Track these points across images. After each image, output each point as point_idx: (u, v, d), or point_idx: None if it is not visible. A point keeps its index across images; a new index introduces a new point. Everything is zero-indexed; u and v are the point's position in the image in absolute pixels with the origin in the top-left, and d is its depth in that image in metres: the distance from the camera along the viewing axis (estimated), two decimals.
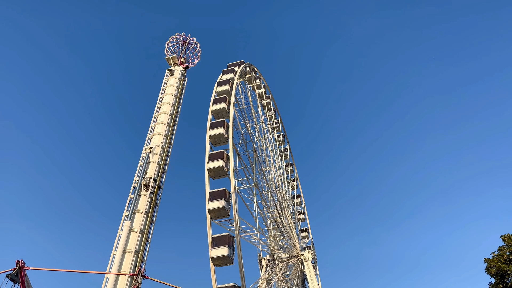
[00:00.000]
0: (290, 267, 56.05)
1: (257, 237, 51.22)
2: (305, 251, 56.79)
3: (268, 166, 57.27)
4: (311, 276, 53.61)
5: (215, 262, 40.20)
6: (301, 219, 68.16)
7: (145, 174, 24.04)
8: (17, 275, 13.46)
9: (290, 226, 56.52)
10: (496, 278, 21.66)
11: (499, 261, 21.47)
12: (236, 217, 43.24)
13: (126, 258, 20.34)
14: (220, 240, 41.05)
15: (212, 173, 42.77)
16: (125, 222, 21.51)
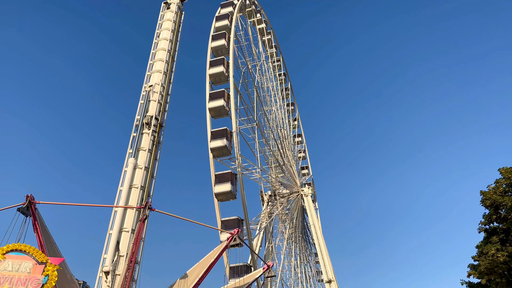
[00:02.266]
0: (290, 202, 58.10)
1: (259, 174, 52.42)
2: (305, 187, 58.48)
3: (269, 105, 56.98)
4: (311, 210, 55.71)
5: (218, 197, 41.69)
6: (301, 157, 69.23)
7: (146, 113, 24.01)
8: (28, 208, 14.00)
9: (291, 164, 57.62)
10: (491, 209, 22.39)
11: (494, 193, 22.06)
12: (238, 155, 43.93)
13: (133, 193, 21.04)
14: (223, 177, 42.19)
15: (213, 113, 42.74)
16: (130, 159, 21.93)
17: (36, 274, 10.50)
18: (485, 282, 21.89)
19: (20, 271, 10.53)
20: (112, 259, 18.89)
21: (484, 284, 22.59)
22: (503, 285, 20.25)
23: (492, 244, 20.93)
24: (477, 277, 22.07)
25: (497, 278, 20.56)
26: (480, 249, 22.36)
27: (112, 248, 19.17)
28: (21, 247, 11.06)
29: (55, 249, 14.99)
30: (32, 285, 10.30)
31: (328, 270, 50.70)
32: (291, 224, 58.70)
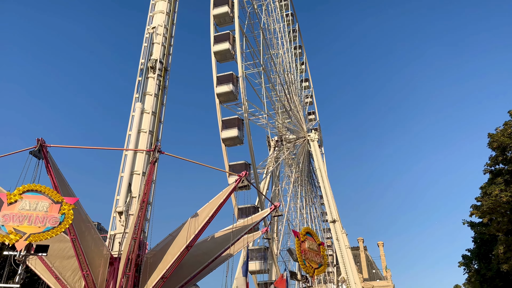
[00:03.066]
0: (297, 147, 58.63)
1: (265, 119, 52.39)
2: (311, 132, 58.67)
3: (276, 48, 55.43)
4: (317, 154, 56.37)
5: (226, 143, 42.14)
6: (308, 102, 68.65)
7: (150, 56, 23.55)
8: (40, 151, 14.29)
9: (298, 109, 57.34)
10: (497, 151, 22.40)
11: (502, 135, 21.91)
12: (244, 100, 43.66)
13: (142, 138, 21.29)
14: (229, 122, 42.30)
15: (219, 57, 41.80)
16: (136, 104, 21.91)
17: (53, 212, 10.99)
18: (487, 221, 22.52)
19: (38, 210, 11.00)
20: (125, 200, 19.58)
21: (485, 223, 23.25)
22: (504, 223, 20.81)
23: (497, 185, 21.20)
24: (479, 217, 22.65)
25: (499, 218, 21.08)
26: (484, 190, 22.71)
27: (124, 190, 19.80)
28: (37, 187, 11.46)
29: (69, 191, 15.53)
30: (50, 222, 10.81)
31: (332, 211, 52.36)
32: (297, 169, 59.72)
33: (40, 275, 18.21)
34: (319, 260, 15.92)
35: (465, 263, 30.06)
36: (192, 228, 18.86)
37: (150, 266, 17.68)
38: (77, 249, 15.41)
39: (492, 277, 26.13)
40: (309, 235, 16.33)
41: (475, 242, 28.90)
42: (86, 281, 16.30)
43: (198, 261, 20.38)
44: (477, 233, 27.15)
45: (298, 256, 14.52)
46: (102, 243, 18.18)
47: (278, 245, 52.87)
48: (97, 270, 17.01)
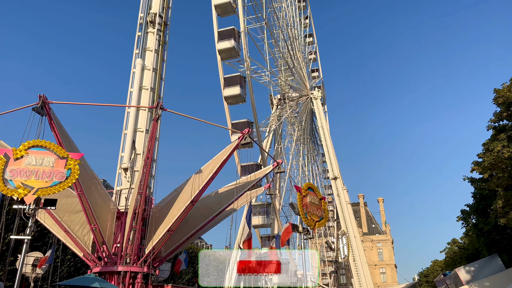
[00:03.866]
0: (299, 105, 58.25)
1: (268, 77, 51.66)
2: (314, 90, 58.02)
3: (279, 1, 53.50)
4: (320, 113, 56.08)
5: (228, 101, 41.84)
6: (312, 59, 67.25)
7: (149, 10, 22.84)
8: (42, 108, 14.26)
9: (301, 66, 56.31)
10: (502, 107, 22.11)
11: (508, 90, 21.55)
12: (246, 57, 42.81)
13: (143, 95, 21.15)
14: (231, 80, 41.75)
15: (220, 10, 40.47)
16: (137, 60, 21.55)
17: (59, 167, 11.15)
18: (487, 177, 22.72)
19: (44, 165, 11.16)
20: (129, 157, 19.81)
21: (486, 178, 23.49)
22: (505, 179, 21.00)
23: (499, 141, 21.13)
24: (479, 173, 22.78)
25: (500, 173, 21.22)
26: (486, 146, 22.67)
27: (128, 147, 19.97)
28: (42, 143, 11.55)
29: (73, 147, 15.68)
30: (56, 177, 11.00)
31: (334, 168, 52.92)
32: (299, 127, 59.69)
33: (50, 228, 18.83)
34: (320, 213, 16.28)
35: (463, 217, 30.78)
36: (196, 183, 19.19)
37: (156, 220, 18.20)
38: (84, 204, 15.81)
39: (489, 230, 26.84)
40: (310, 190, 16.61)
41: (475, 198, 29.39)
42: (94, 234, 16.87)
43: (203, 215, 20.94)
44: (477, 188, 27.50)
45: (300, 210, 14.83)
46: (109, 198, 18.61)
47: (280, 201, 54.05)
48: (105, 224, 17.54)
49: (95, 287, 14.34)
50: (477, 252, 31.25)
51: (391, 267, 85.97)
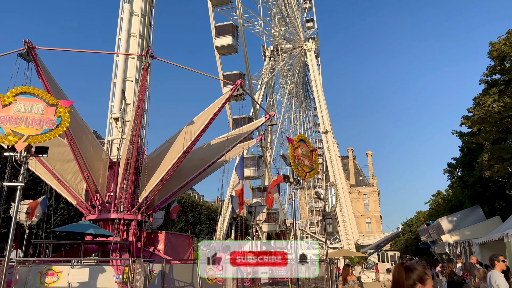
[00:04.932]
0: (293, 57, 57.22)
1: (261, 27, 50.19)
2: (308, 42, 56.77)
3: None
4: (313, 65, 55.29)
5: (219, 51, 40.86)
6: (307, 8, 65.10)
7: None
8: (28, 54, 13.75)
9: (295, 16, 54.59)
10: (496, 61, 21.92)
11: (504, 44, 21.25)
12: (239, 4, 41.29)
13: (132, 42, 20.42)
14: (223, 29, 40.51)
15: None
16: (125, 4, 20.54)
17: (49, 115, 10.93)
18: (476, 131, 23.06)
19: (33, 112, 10.92)
20: (119, 106, 19.51)
21: (474, 132, 23.85)
22: (493, 133, 21.35)
23: (490, 96, 21.20)
24: (468, 126, 23.05)
25: (488, 127, 21.52)
26: (477, 101, 22.78)
27: (118, 97, 19.61)
28: (30, 89, 11.22)
29: (62, 95, 15.33)
30: (47, 125, 10.82)
31: (325, 122, 53.19)
32: (292, 80, 59.06)
33: (42, 177, 18.90)
34: (311, 164, 16.50)
35: (449, 170, 31.63)
36: (188, 135, 19.16)
37: (149, 170, 18.32)
38: (76, 153, 15.77)
39: (473, 183, 27.75)
40: (302, 142, 16.69)
41: (462, 151, 30.03)
42: (87, 183, 17.00)
43: (195, 166, 21.14)
44: (464, 142, 27.96)
45: (292, 161, 14.99)
46: (101, 148, 18.57)
47: (271, 154, 54.70)
48: (97, 173, 17.63)
49: (90, 233, 14.69)
50: (460, 204, 32.50)
51: (376, 217, 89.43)
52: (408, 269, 3.06)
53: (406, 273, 3.05)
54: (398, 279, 3.06)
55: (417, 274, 3.03)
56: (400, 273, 3.07)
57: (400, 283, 3.01)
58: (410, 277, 3.02)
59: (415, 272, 3.03)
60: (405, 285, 3.01)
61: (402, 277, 3.03)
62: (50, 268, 11.97)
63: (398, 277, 3.07)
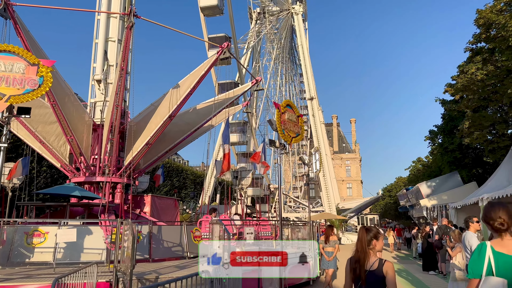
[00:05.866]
0: (280, 21, 56.10)
1: None
2: (296, 4, 55.52)
3: None
4: (300, 30, 54.41)
5: (204, 12, 39.51)
6: None
7: None
8: (5, 10, 13.07)
9: None
10: (482, 28, 21.95)
11: (491, 11, 21.22)
12: None
13: (114, 1, 19.57)
14: None
15: None
16: None
17: (30, 75, 10.58)
18: (458, 99, 23.46)
19: (14, 71, 10.54)
20: (102, 68, 18.98)
21: (457, 100, 24.27)
22: (474, 101, 21.76)
23: (474, 64, 21.41)
24: (451, 94, 23.43)
25: (470, 95, 21.89)
26: (461, 68, 23.00)
27: (100, 58, 19.02)
28: (9, 47, 10.75)
29: (43, 54, 14.78)
30: (29, 85, 10.49)
31: (311, 89, 53.13)
32: (279, 44, 58.18)
33: (24, 139, 18.57)
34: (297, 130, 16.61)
35: (431, 137, 32.38)
36: (174, 98, 18.93)
37: (134, 133, 18.16)
38: (59, 115, 15.44)
39: (452, 149, 28.56)
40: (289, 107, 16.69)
41: (444, 119, 30.65)
42: (71, 145, 16.78)
43: (181, 130, 21.05)
44: (447, 110, 28.49)
45: (278, 126, 15.04)
46: (84, 110, 18.22)
47: (257, 120, 54.71)
48: (81, 136, 17.38)
49: (75, 195, 14.69)
50: (439, 170, 33.55)
51: (357, 182, 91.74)
52: (367, 230, 4.32)
53: (366, 232, 4.27)
54: (361, 237, 4.28)
55: (373, 233, 4.27)
56: (362, 233, 4.30)
57: (362, 240, 4.23)
58: (368, 235, 4.24)
59: (372, 232, 4.28)
60: (365, 241, 4.21)
61: (364, 235, 4.25)
62: (37, 229, 12.03)
63: (361, 235, 4.29)
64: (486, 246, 3.29)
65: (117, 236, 9.65)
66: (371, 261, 4.08)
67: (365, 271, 4.02)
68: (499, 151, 22.60)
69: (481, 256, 3.26)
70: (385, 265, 4.02)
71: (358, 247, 4.24)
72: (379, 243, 4.21)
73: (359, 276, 4.04)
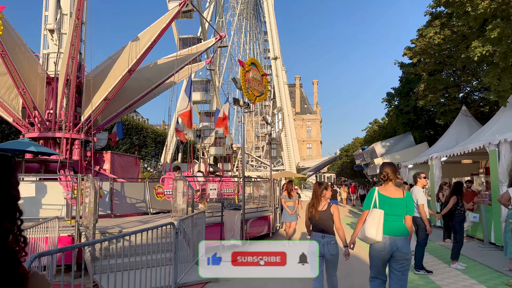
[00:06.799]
0: None
1: None
2: None
3: None
4: None
5: None
6: None
7: None
8: None
9: None
10: None
11: None
12: None
13: None
14: None
15: None
16: None
17: None
18: (416, 62, 24.20)
19: None
20: (55, 17, 17.71)
21: (414, 63, 25.04)
22: (431, 64, 22.57)
23: (433, 28, 21.99)
24: (409, 57, 24.07)
25: (427, 59, 22.64)
26: (420, 32, 23.59)
27: (53, 5, 17.68)
28: None
29: None
30: None
31: (275, 48, 52.65)
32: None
33: None
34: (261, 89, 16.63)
35: (388, 99, 33.48)
36: (133, 52, 18.18)
37: (92, 88, 17.43)
38: (9, 66, 14.45)
39: (407, 111, 29.84)
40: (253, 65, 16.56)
41: (401, 82, 31.69)
42: (23, 99, 15.91)
43: (141, 86, 20.43)
44: (404, 73, 29.40)
45: (242, 84, 14.97)
46: (36, 62, 17.14)
47: (220, 79, 53.89)
48: (34, 89, 16.46)
49: (31, 150, 14.14)
50: (394, 131, 35.08)
51: (317, 143, 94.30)
52: (319, 183, 5.88)
53: (318, 185, 5.80)
54: (316, 189, 5.79)
55: (324, 185, 5.78)
56: (316, 186, 5.84)
57: (316, 191, 5.76)
58: (320, 187, 5.75)
59: (323, 185, 5.80)
60: (318, 191, 5.73)
61: (317, 187, 5.78)
62: None
63: (315, 188, 5.81)
64: (375, 190, 4.96)
65: (79, 192, 9.55)
66: (322, 204, 5.66)
67: (318, 211, 5.58)
68: (450, 114, 23.90)
69: (370, 196, 4.95)
70: (332, 206, 5.63)
71: (313, 195, 5.82)
72: (328, 192, 5.74)
73: (314, 216, 5.60)
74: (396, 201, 4.81)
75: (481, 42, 15.09)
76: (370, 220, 4.75)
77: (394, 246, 4.70)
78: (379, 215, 4.73)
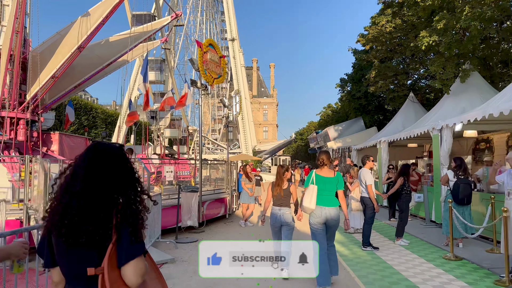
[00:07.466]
0: None
1: None
2: None
3: None
4: None
5: None
6: None
7: None
8: None
9: None
10: None
11: None
12: None
13: None
14: None
15: None
16: None
17: None
18: (368, 49, 25.07)
19: None
20: None
21: (367, 50, 25.93)
22: (382, 52, 23.49)
23: (385, 16, 22.82)
24: (363, 44, 24.88)
25: (379, 46, 23.53)
26: (373, 20, 24.41)
27: None
28: None
29: None
30: None
31: (232, 29, 52.04)
32: None
33: None
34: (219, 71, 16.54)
35: (341, 85, 34.53)
36: (83, 28, 17.24)
37: (38, 65, 16.39)
38: None
39: (359, 97, 31.00)
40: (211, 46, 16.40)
41: (354, 68, 32.74)
42: None
43: (92, 64, 19.50)
44: (357, 59, 30.38)
45: (200, 66, 14.82)
46: None
47: (175, 59, 52.56)
48: None
49: None
50: (346, 116, 36.34)
51: (273, 126, 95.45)
52: (281, 166, 6.96)
53: (281, 168, 6.88)
54: (279, 170, 6.85)
55: (285, 168, 6.91)
56: (279, 168, 6.90)
57: (279, 172, 6.84)
58: (282, 169, 6.85)
59: (284, 167, 6.92)
60: (280, 174, 6.81)
61: (280, 169, 6.86)
62: None
63: (279, 169, 6.87)
64: (313, 171, 6.18)
65: (26, 174, 9.11)
66: (284, 184, 6.79)
67: (282, 189, 6.71)
68: (398, 100, 25.13)
69: (310, 176, 6.18)
70: (291, 185, 6.85)
71: (277, 176, 6.88)
72: (288, 173, 6.88)
73: (279, 193, 6.69)
74: (329, 179, 6.08)
75: (428, 32, 15.92)
76: (307, 193, 6.04)
77: (327, 214, 5.95)
78: (312, 188, 6.01)
